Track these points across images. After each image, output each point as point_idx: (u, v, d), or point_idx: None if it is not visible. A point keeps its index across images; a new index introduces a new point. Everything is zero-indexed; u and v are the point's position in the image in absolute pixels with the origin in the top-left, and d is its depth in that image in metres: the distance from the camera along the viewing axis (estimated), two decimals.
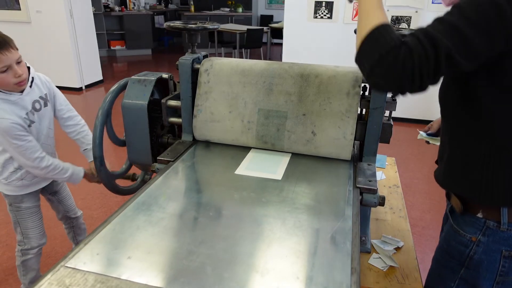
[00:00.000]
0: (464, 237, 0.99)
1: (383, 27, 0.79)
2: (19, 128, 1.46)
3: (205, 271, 0.79)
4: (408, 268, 1.23)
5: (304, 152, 1.33)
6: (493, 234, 0.94)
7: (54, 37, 5.49)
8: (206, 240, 0.89)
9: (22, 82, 1.47)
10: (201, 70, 1.41)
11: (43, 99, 1.61)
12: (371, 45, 0.79)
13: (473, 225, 0.97)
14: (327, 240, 0.91)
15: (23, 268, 1.80)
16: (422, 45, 0.74)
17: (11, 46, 1.42)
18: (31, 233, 1.74)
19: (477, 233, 0.96)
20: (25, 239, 1.74)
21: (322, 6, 4.42)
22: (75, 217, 1.99)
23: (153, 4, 9.47)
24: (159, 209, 1.01)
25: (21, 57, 1.47)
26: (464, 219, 0.99)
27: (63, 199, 1.89)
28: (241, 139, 1.38)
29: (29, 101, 1.54)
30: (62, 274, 0.78)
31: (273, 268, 0.81)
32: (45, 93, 1.62)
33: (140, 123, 1.45)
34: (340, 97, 1.27)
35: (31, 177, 1.64)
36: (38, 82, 1.61)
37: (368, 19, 0.82)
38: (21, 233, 1.73)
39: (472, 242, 0.97)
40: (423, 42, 0.74)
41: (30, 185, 1.67)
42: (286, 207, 1.04)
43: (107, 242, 0.88)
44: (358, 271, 0.80)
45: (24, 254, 1.77)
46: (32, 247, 1.76)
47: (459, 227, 1.01)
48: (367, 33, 0.80)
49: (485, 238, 0.95)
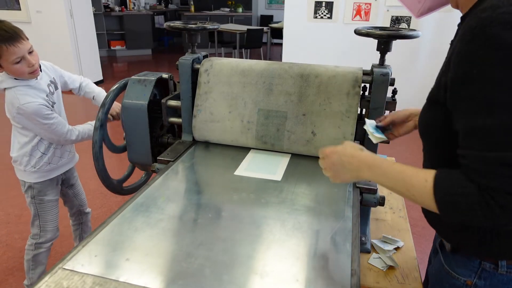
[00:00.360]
0: (458, 280, 0.85)
1: (442, 195, 0.68)
2: (46, 108, 1.54)
3: (204, 273, 0.79)
4: (408, 268, 1.23)
5: (304, 152, 1.33)
6: (491, 277, 0.81)
7: (54, 37, 5.48)
8: (205, 242, 0.88)
9: (35, 71, 1.52)
10: (201, 70, 1.40)
11: (53, 83, 1.68)
12: (461, 216, 0.68)
13: (467, 266, 0.84)
14: (327, 242, 0.90)
15: (33, 263, 1.84)
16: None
17: (22, 37, 1.45)
18: (49, 226, 1.80)
19: (472, 276, 0.83)
20: (41, 232, 1.80)
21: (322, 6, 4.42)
22: (87, 212, 2.07)
23: (153, 4, 9.47)
24: (158, 210, 1.01)
25: (32, 46, 1.51)
26: (456, 258, 0.86)
27: (77, 193, 1.96)
28: (240, 139, 1.37)
29: (45, 85, 1.62)
30: (60, 276, 0.77)
31: (272, 270, 0.80)
32: (53, 77, 1.69)
33: (140, 123, 1.45)
34: (340, 97, 1.27)
35: (57, 160, 1.72)
36: (44, 68, 1.66)
37: (407, 187, 0.73)
38: (39, 226, 1.78)
39: (467, 286, 0.84)
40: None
41: (57, 168, 1.74)
42: (286, 208, 1.03)
43: (106, 244, 0.87)
44: (358, 273, 0.79)
45: (37, 248, 1.82)
46: (47, 241, 1.82)
47: (451, 268, 0.87)
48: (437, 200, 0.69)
49: (481, 282, 0.82)
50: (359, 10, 4.30)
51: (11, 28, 1.43)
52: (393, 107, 1.32)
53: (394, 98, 1.32)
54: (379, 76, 1.24)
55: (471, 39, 0.64)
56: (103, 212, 2.75)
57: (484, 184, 0.64)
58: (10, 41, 1.40)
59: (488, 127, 0.63)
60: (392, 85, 1.29)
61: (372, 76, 1.25)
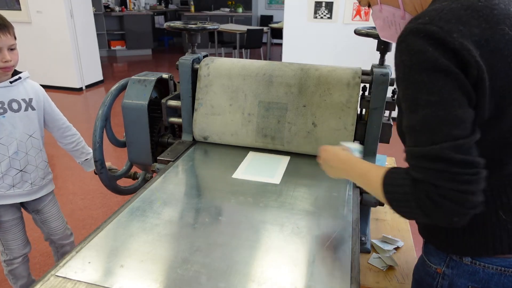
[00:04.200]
0: (430, 268, 0.89)
1: (385, 185, 0.76)
2: None
3: (200, 281, 0.77)
4: (408, 268, 1.22)
5: (304, 145, 1.31)
6: (457, 267, 0.84)
7: (54, 37, 5.47)
8: (202, 248, 0.87)
9: (7, 68, 1.39)
10: (202, 64, 1.40)
11: (26, 102, 1.50)
12: (398, 206, 0.74)
13: (438, 254, 0.87)
14: (326, 247, 0.88)
15: (12, 277, 1.72)
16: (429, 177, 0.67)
17: (9, 32, 1.38)
18: (12, 244, 1.62)
19: (441, 264, 0.86)
20: (6, 250, 1.63)
21: (322, 6, 4.39)
22: (60, 243, 1.76)
23: (153, 4, 9.45)
24: (154, 215, 0.99)
25: (16, 46, 1.42)
26: (429, 247, 0.90)
27: (46, 220, 1.69)
28: (241, 132, 1.36)
29: (3, 95, 1.44)
30: (52, 284, 0.75)
31: (270, 277, 0.78)
32: (30, 97, 1.52)
33: (140, 123, 1.44)
34: (341, 87, 1.25)
35: (6, 187, 1.50)
36: (27, 86, 1.52)
37: (368, 181, 0.82)
38: (2, 244, 1.62)
39: (438, 274, 0.87)
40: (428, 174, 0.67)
41: (5, 197, 1.51)
42: (285, 212, 1.01)
43: (100, 250, 0.86)
44: (358, 280, 0.77)
45: (9, 265, 1.67)
46: (15, 257, 1.65)
47: (426, 257, 0.91)
48: (384, 196, 0.76)
49: (449, 271, 0.85)
50: (359, 10, 4.28)
51: (2, 18, 1.36)
52: (393, 107, 1.31)
53: (394, 98, 1.31)
54: (379, 76, 1.23)
55: (397, 45, 0.72)
56: (103, 212, 2.74)
57: (415, 176, 0.70)
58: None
59: (413, 124, 0.71)
60: (392, 85, 1.28)
61: (372, 76, 1.24)
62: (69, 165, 1.73)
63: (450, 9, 0.69)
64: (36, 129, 1.55)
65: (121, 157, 3.23)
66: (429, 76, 0.67)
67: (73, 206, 2.75)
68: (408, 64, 0.69)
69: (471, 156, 0.66)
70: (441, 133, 0.67)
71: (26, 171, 1.54)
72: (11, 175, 1.50)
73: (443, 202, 0.66)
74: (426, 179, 0.68)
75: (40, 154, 1.59)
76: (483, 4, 0.69)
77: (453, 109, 0.66)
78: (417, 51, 0.68)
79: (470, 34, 0.67)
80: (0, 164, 1.47)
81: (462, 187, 0.66)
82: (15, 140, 1.49)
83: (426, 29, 0.67)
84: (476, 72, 0.66)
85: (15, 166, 1.51)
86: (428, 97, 0.68)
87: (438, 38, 0.66)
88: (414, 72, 0.69)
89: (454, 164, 0.66)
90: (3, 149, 1.47)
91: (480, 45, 0.67)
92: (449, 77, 0.66)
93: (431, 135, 0.68)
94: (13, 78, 1.46)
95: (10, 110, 1.47)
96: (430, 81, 0.67)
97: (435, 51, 0.66)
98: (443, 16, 0.68)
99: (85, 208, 2.75)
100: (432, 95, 0.67)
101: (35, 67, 5.34)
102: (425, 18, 0.69)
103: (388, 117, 1.35)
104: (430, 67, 0.67)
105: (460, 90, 0.66)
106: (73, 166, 1.93)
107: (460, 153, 0.65)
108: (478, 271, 0.81)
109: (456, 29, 0.66)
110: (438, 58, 0.66)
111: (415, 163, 0.70)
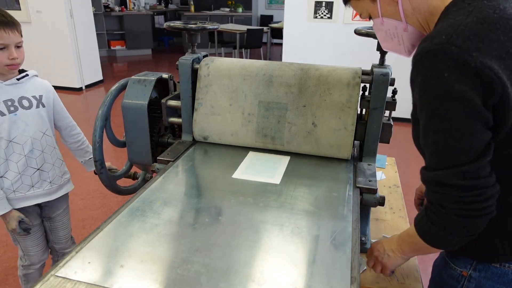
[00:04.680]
0: (455, 270, 0.88)
1: (415, 225, 0.84)
2: None
3: (200, 281, 0.77)
4: (408, 268, 1.22)
5: (304, 144, 1.31)
6: (485, 270, 0.83)
7: (54, 37, 5.47)
8: (202, 248, 0.86)
9: (14, 65, 1.40)
10: (201, 64, 1.40)
11: (37, 99, 1.51)
12: (425, 235, 0.82)
13: (464, 257, 0.87)
14: (326, 248, 0.88)
15: (25, 279, 1.72)
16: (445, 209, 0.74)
17: (17, 29, 1.38)
18: (31, 251, 1.64)
19: (468, 267, 0.86)
20: (25, 256, 1.65)
21: (322, 6, 4.40)
22: (62, 252, 1.76)
23: (153, 4, 9.45)
24: (154, 215, 0.99)
25: (23, 43, 1.42)
26: (454, 250, 0.88)
27: (56, 228, 1.71)
28: (241, 131, 1.36)
29: (12, 92, 1.44)
30: (52, 284, 0.75)
31: (270, 277, 0.78)
32: (40, 94, 1.53)
33: (140, 123, 1.44)
34: (341, 87, 1.26)
35: (26, 188, 1.50)
36: (35, 83, 1.53)
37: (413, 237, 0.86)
38: (21, 249, 1.63)
39: (463, 277, 0.87)
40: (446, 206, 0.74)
41: (26, 199, 1.51)
42: (285, 212, 1.01)
43: (99, 250, 0.85)
44: (358, 280, 0.77)
45: (25, 269, 1.69)
46: (33, 263, 1.67)
47: (449, 259, 0.91)
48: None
49: (476, 274, 0.85)
50: None
51: (9, 16, 1.36)
52: (393, 107, 1.31)
53: (394, 98, 1.31)
54: (379, 76, 1.23)
55: (413, 65, 0.72)
56: (103, 212, 2.74)
57: (428, 199, 0.77)
58: (1, 25, 1.32)
59: (424, 145, 0.75)
60: (392, 85, 1.28)
61: (372, 76, 1.24)
62: (69, 165, 1.72)
63: (466, 25, 0.67)
64: (48, 127, 1.56)
65: (121, 157, 3.23)
66: (443, 104, 0.68)
67: (73, 206, 2.74)
68: (424, 88, 0.70)
69: (476, 180, 0.70)
70: (448, 159, 0.70)
71: (43, 170, 1.55)
72: (29, 175, 1.50)
73: (452, 218, 0.73)
74: (434, 201, 0.75)
75: (55, 152, 1.60)
76: (498, 16, 0.68)
77: (463, 137, 0.68)
78: (433, 76, 0.68)
79: (490, 50, 0.66)
80: (17, 164, 1.47)
81: (468, 206, 0.71)
82: (29, 138, 1.48)
83: (444, 50, 0.66)
84: (500, 89, 0.66)
85: (32, 165, 1.51)
86: (439, 124, 0.70)
87: (457, 59, 0.65)
88: (428, 97, 0.70)
89: (457, 189, 0.70)
90: (18, 148, 1.46)
91: (502, 59, 0.66)
92: (463, 104, 0.66)
93: (440, 160, 0.72)
94: (20, 76, 1.46)
95: (21, 107, 1.47)
96: (443, 108, 0.68)
97: (452, 76, 0.66)
98: (460, 33, 0.66)
99: (85, 208, 2.76)
100: (443, 122, 0.69)
101: (35, 67, 5.31)
102: (442, 37, 0.67)
103: (388, 117, 1.35)
104: (443, 94, 0.67)
105: (473, 117, 0.68)
106: (73, 166, 1.93)
107: (464, 179, 0.69)
108: (507, 273, 0.82)
109: (475, 47, 0.65)
110: (453, 84, 0.66)
111: (426, 186, 0.77)
